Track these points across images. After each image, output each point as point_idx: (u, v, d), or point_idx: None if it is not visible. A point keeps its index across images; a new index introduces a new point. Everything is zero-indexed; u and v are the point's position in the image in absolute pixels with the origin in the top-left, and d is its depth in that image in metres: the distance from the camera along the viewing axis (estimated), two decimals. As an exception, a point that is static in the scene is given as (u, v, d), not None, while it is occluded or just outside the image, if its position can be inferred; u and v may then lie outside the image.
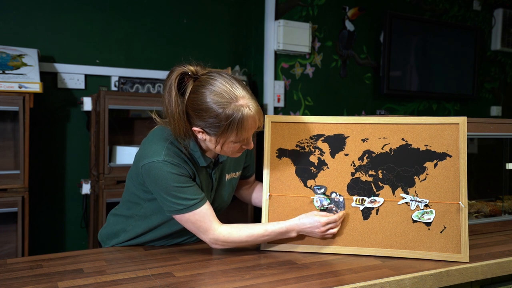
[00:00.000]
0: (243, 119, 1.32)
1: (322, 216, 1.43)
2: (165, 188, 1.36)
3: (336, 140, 1.49)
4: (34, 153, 2.71)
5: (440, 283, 1.29)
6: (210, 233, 1.39)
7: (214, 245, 1.42)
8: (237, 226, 1.42)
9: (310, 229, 1.43)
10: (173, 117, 1.35)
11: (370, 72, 3.84)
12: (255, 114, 1.34)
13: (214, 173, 1.50)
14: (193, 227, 1.40)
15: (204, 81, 1.34)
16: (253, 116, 1.34)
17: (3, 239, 2.52)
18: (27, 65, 2.48)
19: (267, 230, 1.42)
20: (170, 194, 1.36)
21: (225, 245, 1.42)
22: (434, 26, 4.00)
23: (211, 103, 1.31)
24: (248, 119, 1.33)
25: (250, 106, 1.33)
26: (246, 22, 3.41)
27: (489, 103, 4.53)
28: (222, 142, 1.36)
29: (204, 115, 1.32)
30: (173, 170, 1.36)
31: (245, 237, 1.41)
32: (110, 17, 2.96)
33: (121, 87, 2.86)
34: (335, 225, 1.44)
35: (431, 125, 1.45)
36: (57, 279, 1.20)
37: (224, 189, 1.56)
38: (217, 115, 1.31)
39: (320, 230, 1.42)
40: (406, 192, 1.44)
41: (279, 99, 3.37)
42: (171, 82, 1.34)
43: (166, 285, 1.17)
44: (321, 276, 1.24)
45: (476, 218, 1.93)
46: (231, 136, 1.34)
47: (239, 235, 1.40)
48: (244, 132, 1.34)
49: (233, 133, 1.33)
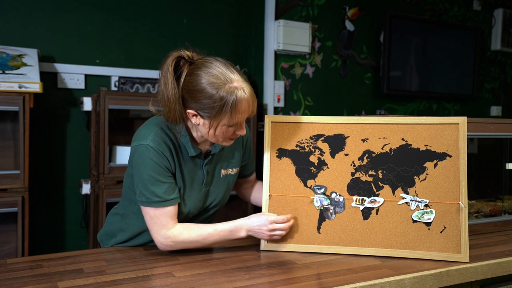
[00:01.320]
0: (237, 101, 1.33)
1: (271, 216, 1.43)
2: (141, 174, 1.38)
3: (336, 140, 1.49)
4: (34, 153, 2.71)
5: (440, 283, 1.29)
6: (162, 231, 1.39)
7: (163, 244, 1.40)
8: (188, 226, 1.41)
9: (258, 227, 1.42)
10: (168, 101, 1.36)
11: (370, 72, 3.84)
12: (249, 97, 1.36)
13: (205, 165, 1.48)
14: (149, 221, 1.40)
15: (200, 64, 1.36)
16: (247, 99, 1.35)
17: (3, 239, 2.52)
18: (27, 65, 2.48)
19: (217, 229, 1.41)
20: (143, 182, 1.38)
21: (174, 245, 1.40)
22: (434, 26, 4.00)
23: (205, 84, 1.32)
24: (242, 102, 1.34)
25: (245, 88, 1.34)
26: (246, 22, 3.41)
27: (489, 103, 4.53)
28: (215, 125, 1.36)
29: (199, 96, 1.33)
30: (155, 158, 1.37)
31: (195, 237, 1.40)
32: (110, 17, 2.96)
33: (121, 87, 2.86)
34: (283, 227, 1.42)
35: (431, 125, 1.45)
36: (57, 279, 1.20)
37: (219, 185, 1.54)
38: (211, 96, 1.31)
39: (268, 228, 1.41)
40: (406, 192, 1.44)
41: (279, 99, 3.37)
42: (167, 65, 1.36)
43: (166, 285, 1.17)
44: (321, 276, 1.24)
45: (476, 218, 1.93)
46: (224, 118, 1.34)
47: (189, 235, 1.40)
48: (237, 115, 1.35)
49: (226, 115, 1.34)
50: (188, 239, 1.40)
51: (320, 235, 1.46)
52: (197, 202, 1.48)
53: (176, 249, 1.42)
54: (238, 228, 1.43)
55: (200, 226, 1.42)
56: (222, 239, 1.43)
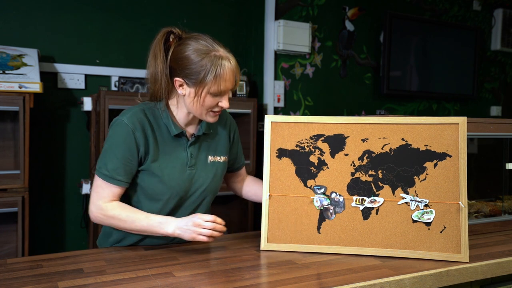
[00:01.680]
0: (222, 68, 1.39)
1: (200, 218, 1.38)
2: (105, 144, 1.46)
3: (336, 140, 1.50)
4: (34, 153, 2.71)
5: (440, 283, 1.30)
6: (98, 202, 1.43)
7: (93, 214, 1.44)
8: (124, 205, 1.45)
9: (185, 225, 1.38)
10: (156, 74, 1.44)
11: (370, 72, 3.84)
12: (234, 68, 1.43)
13: (189, 147, 1.51)
14: (93, 189, 1.46)
15: (189, 37, 1.45)
16: (232, 69, 1.42)
17: (3, 239, 2.52)
18: (27, 65, 2.48)
19: (148, 217, 1.42)
20: (103, 151, 1.45)
21: (103, 219, 1.43)
22: (434, 26, 4.00)
23: (192, 51, 1.40)
24: (227, 69, 1.40)
25: (230, 59, 1.42)
26: (246, 22, 3.41)
27: (489, 103, 4.53)
28: (200, 93, 1.41)
29: (186, 62, 1.40)
30: (123, 134, 1.42)
31: (124, 217, 1.42)
32: (110, 17, 2.96)
33: (121, 87, 2.86)
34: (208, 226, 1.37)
35: (431, 125, 1.45)
36: (57, 279, 1.20)
37: (206, 170, 1.55)
38: (198, 61, 1.39)
39: (193, 230, 1.37)
40: (406, 192, 1.44)
41: (279, 99, 3.37)
42: (157, 40, 1.45)
43: (166, 285, 1.17)
44: (321, 276, 1.24)
45: (476, 218, 1.93)
46: (209, 85, 1.39)
47: (120, 212, 1.42)
48: (222, 82, 1.40)
49: (211, 82, 1.39)
50: (117, 216, 1.42)
51: (320, 235, 1.46)
52: (181, 183, 1.49)
53: (105, 223, 1.45)
54: (168, 221, 1.41)
55: (134, 209, 1.45)
56: (150, 228, 1.41)
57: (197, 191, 1.54)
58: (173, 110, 1.50)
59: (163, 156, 1.47)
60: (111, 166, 1.42)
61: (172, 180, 1.48)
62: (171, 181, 1.48)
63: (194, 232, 1.37)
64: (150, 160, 1.46)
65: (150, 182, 1.47)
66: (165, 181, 1.47)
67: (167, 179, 1.47)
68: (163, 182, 1.47)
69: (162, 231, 1.41)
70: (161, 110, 1.48)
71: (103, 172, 1.43)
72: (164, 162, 1.47)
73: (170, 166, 1.48)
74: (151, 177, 1.47)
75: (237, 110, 2.96)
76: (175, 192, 1.49)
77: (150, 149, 1.45)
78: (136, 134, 1.43)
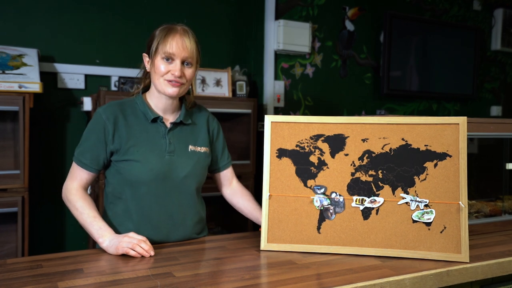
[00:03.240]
0: (169, 33, 1.52)
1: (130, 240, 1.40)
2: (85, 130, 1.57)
3: (336, 140, 1.49)
4: (34, 153, 2.71)
5: (440, 283, 1.29)
6: (68, 182, 1.57)
7: (63, 192, 1.57)
8: (85, 197, 1.53)
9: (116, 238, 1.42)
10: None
11: (370, 72, 3.84)
12: (183, 36, 1.53)
13: (167, 134, 1.58)
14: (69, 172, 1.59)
15: None
16: (180, 36, 1.53)
17: (3, 239, 2.52)
18: (27, 65, 2.48)
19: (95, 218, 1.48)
20: (81, 138, 1.57)
21: (65, 199, 1.56)
22: (434, 26, 4.00)
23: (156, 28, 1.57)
24: (174, 35, 1.52)
25: (181, 29, 1.54)
26: (246, 22, 3.41)
27: (489, 103, 4.53)
28: (154, 61, 1.53)
29: (149, 39, 1.57)
30: (95, 122, 1.54)
31: (78, 206, 1.50)
32: (110, 17, 2.96)
33: (121, 87, 2.86)
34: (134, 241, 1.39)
35: (431, 125, 1.45)
36: (57, 279, 1.20)
37: (185, 157, 1.60)
38: (153, 33, 1.56)
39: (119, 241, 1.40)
40: (406, 192, 1.44)
41: (279, 99, 3.37)
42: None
43: (166, 285, 1.17)
44: (321, 276, 1.24)
45: (476, 218, 1.93)
46: (158, 50, 1.52)
47: (76, 200, 1.52)
48: (168, 45, 1.51)
49: (159, 46, 1.51)
50: (73, 202, 1.52)
51: (320, 235, 1.46)
52: (160, 166, 1.54)
53: (66, 204, 1.55)
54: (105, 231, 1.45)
55: (91, 206, 1.51)
56: (89, 228, 1.48)
57: (178, 177, 1.57)
58: (149, 99, 1.62)
59: (141, 142, 1.55)
60: (80, 150, 1.55)
61: (150, 163, 1.53)
62: (150, 164, 1.53)
63: (120, 242, 1.40)
64: (127, 146, 1.53)
65: (130, 168, 1.53)
66: (144, 163, 1.52)
67: (145, 162, 1.53)
68: (142, 164, 1.52)
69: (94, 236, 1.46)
70: (138, 101, 1.60)
71: (76, 156, 1.56)
72: (143, 147, 1.54)
73: (148, 150, 1.55)
74: (131, 162, 1.53)
75: (237, 110, 2.96)
76: (154, 174, 1.53)
77: (126, 138, 1.53)
78: (107, 124, 1.52)
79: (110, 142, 1.53)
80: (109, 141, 1.53)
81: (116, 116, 1.54)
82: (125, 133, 1.54)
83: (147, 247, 1.40)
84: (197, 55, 1.58)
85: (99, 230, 1.45)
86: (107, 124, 1.52)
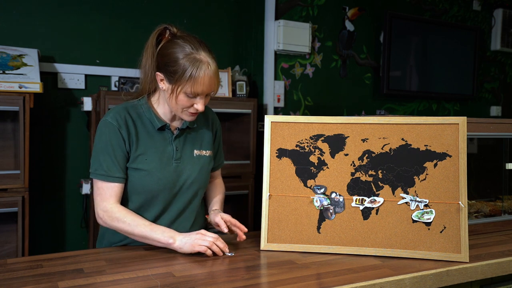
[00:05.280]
0: (199, 71, 1.41)
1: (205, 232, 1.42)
2: (95, 146, 1.50)
3: (336, 140, 1.50)
4: (34, 153, 2.71)
5: (440, 283, 1.30)
6: (103, 203, 1.47)
7: (99, 217, 1.48)
8: (127, 210, 1.48)
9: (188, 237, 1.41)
10: (145, 66, 1.51)
11: (370, 72, 3.84)
12: (212, 74, 1.44)
13: (174, 141, 1.55)
14: (95, 193, 1.50)
15: (180, 36, 1.49)
16: (209, 74, 1.43)
17: (3, 239, 2.52)
18: (27, 65, 2.48)
19: (152, 224, 1.46)
20: (95, 152, 1.49)
21: (108, 221, 1.46)
22: (434, 26, 4.00)
23: (176, 49, 1.44)
24: (204, 74, 1.42)
25: (210, 64, 1.44)
26: (246, 22, 3.41)
27: (489, 103, 4.53)
28: (176, 92, 1.44)
29: (167, 59, 1.44)
30: (108, 132, 1.47)
31: (129, 220, 1.45)
32: (110, 17, 2.96)
33: (121, 87, 2.86)
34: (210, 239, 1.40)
35: (431, 125, 1.45)
36: (57, 279, 1.20)
37: (192, 164, 1.58)
38: (177, 60, 1.42)
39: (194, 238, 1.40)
40: (406, 192, 1.44)
41: (279, 99, 3.37)
42: (152, 34, 1.51)
43: (166, 285, 1.17)
44: (321, 276, 1.24)
45: (476, 218, 1.93)
46: (184, 85, 1.42)
47: (125, 215, 1.45)
48: (196, 86, 1.42)
49: (186, 83, 1.42)
50: (122, 218, 1.44)
51: (320, 235, 1.46)
52: (168, 175, 1.52)
53: (110, 226, 1.47)
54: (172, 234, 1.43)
55: (138, 216, 1.47)
56: (152, 236, 1.43)
57: (185, 183, 1.56)
58: (155, 106, 1.56)
59: (149, 150, 1.51)
60: (106, 165, 1.47)
61: (159, 172, 1.51)
62: (158, 173, 1.51)
63: (194, 240, 1.40)
64: (136, 155, 1.50)
65: (138, 176, 1.50)
66: (152, 173, 1.50)
67: (154, 171, 1.50)
68: (151, 174, 1.50)
69: (162, 241, 1.42)
70: (143, 107, 1.54)
71: (100, 173, 1.47)
72: (151, 156, 1.51)
73: (157, 159, 1.51)
74: (139, 172, 1.50)
75: (237, 110, 2.96)
76: (163, 184, 1.51)
77: (135, 144, 1.50)
78: (122, 131, 1.48)
79: (128, 147, 1.49)
80: (126, 146, 1.49)
81: (126, 122, 1.49)
82: (135, 140, 1.50)
83: (222, 245, 1.41)
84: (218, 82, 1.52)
85: (164, 233, 1.43)
86: (122, 131, 1.48)
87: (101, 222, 1.49)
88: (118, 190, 1.48)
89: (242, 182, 2.96)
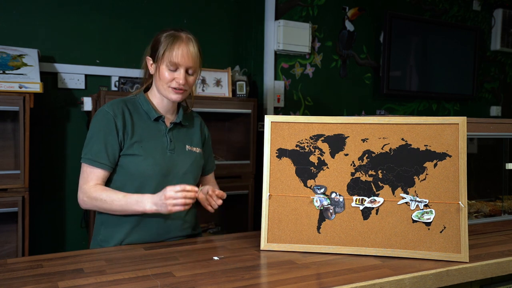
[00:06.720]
0: (176, 42, 1.54)
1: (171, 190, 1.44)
2: (90, 130, 1.57)
3: (336, 140, 1.50)
4: (34, 153, 2.71)
5: (439, 283, 1.30)
6: (83, 186, 1.54)
7: (80, 199, 1.55)
8: (104, 188, 1.54)
9: (159, 200, 1.46)
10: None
11: (370, 72, 3.84)
12: (191, 48, 1.56)
13: (168, 133, 1.63)
14: (80, 177, 1.57)
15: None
16: (187, 46, 1.55)
17: (3, 239, 2.52)
18: (27, 65, 2.48)
19: (126, 196, 1.50)
20: (87, 138, 1.56)
21: (88, 202, 1.53)
22: (434, 26, 4.00)
23: (161, 33, 1.60)
24: (180, 44, 1.55)
25: (189, 39, 1.57)
26: (246, 22, 3.41)
27: (489, 103, 4.53)
28: (159, 67, 1.57)
29: (153, 43, 1.61)
30: (103, 119, 1.55)
31: (104, 197, 1.50)
32: (110, 17, 2.96)
33: (121, 87, 2.86)
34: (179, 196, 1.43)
35: (431, 125, 1.45)
36: (57, 279, 1.20)
37: (184, 155, 1.66)
38: (159, 39, 1.58)
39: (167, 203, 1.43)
40: (406, 192, 1.44)
41: (279, 99, 3.37)
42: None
43: (166, 285, 1.17)
44: (321, 276, 1.25)
45: (476, 218, 1.93)
46: (164, 58, 1.55)
47: (100, 193, 1.51)
48: (175, 56, 1.54)
49: (165, 55, 1.54)
50: (98, 197, 1.50)
51: (320, 235, 1.46)
52: (162, 162, 1.59)
53: (90, 207, 1.53)
54: (144, 198, 1.49)
55: (114, 190, 1.53)
56: (129, 206, 1.49)
57: (178, 173, 1.62)
58: (151, 98, 1.67)
59: (145, 138, 1.59)
60: (95, 150, 1.54)
61: (154, 158, 1.57)
62: (154, 159, 1.57)
63: (168, 205, 1.44)
64: (132, 142, 1.56)
65: (135, 162, 1.56)
66: (148, 158, 1.56)
67: (150, 157, 1.57)
68: (147, 159, 1.56)
69: (140, 208, 1.49)
70: (140, 100, 1.65)
71: (87, 157, 1.54)
72: (147, 144, 1.58)
73: (152, 147, 1.59)
74: (135, 157, 1.56)
75: (237, 110, 2.96)
76: (158, 169, 1.57)
77: (131, 133, 1.57)
78: (117, 120, 1.55)
79: (121, 136, 1.56)
80: (120, 136, 1.56)
81: (122, 112, 1.58)
82: (130, 129, 1.58)
83: (190, 194, 1.44)
84: (199, 63, 1.63)
85: (138, 203, 1.49)
86: (117, 120, 1.56)
87: (83, 205, 1.55)
88: (101, 176, 1.55)
89: (242, 182, 2.96)
